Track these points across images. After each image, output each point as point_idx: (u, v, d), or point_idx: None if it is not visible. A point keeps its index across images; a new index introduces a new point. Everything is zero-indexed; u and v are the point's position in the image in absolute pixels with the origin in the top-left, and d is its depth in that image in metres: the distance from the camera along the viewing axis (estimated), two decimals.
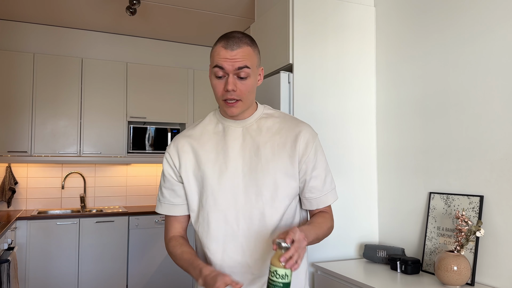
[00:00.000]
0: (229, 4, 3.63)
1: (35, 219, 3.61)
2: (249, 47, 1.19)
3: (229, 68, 1.16)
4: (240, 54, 1.16)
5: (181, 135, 1.31)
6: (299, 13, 2.27)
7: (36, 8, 3.76)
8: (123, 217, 3.93)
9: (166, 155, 1.31)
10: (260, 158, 1.22)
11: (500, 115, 1.75)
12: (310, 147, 1.25)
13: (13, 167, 4.05)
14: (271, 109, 1.33)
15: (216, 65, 1.17)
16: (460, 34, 1.94)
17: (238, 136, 1.25)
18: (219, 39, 1.21)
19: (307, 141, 1.25)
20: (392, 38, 2.36)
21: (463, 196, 1.88)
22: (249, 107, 1.25)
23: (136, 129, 4.23)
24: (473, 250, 1.77)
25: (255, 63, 1.21)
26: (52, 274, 3.64)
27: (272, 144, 1.24)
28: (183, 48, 4.77)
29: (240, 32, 1.22)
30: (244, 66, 1.16)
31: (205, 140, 1.27)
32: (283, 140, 1.25)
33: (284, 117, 1.30)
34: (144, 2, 3.56)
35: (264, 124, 1.27)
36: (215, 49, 1.19)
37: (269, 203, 1.21)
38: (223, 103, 1.21)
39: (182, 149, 1.28)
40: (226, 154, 1.23)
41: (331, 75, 2.34)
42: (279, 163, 1.22)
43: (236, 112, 1.20)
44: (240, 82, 1.18)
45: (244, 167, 1.22)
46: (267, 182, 1.21)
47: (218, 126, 1.28)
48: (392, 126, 2.34)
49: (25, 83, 3.86)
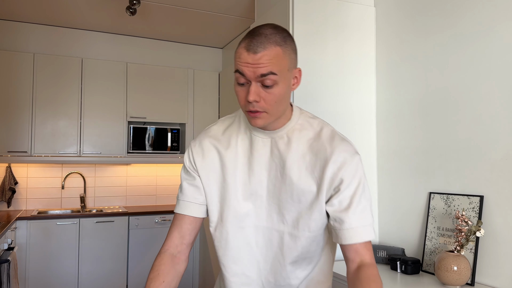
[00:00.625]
0: (229, 4, 3.63)
1: (35, 219, 3.61)
2: (278, 47, 0.97)
3: (250, 75, 0.96)
4: (265, 57, 0.95)
5: (208, 135, 1.16)
6: (299, 13, 2.27)
7: (36, 8, 3.76)
8: (123, 217, 3.93)
9: (189, 152, 1.17)
10: (285, 180, 1.07)
11: (500, 115, 1.75)
12: (343, 172, 1.04)
13: (13, 167, 4.05)
14: (309, 117, 1.13)
15: (237, 70, 0.99)
16: (460, 34, 1.94)
17: (265, 148, 1.10)
18: (245, 36, 1.01)
19: (340, 165, 1.04)
20: (392, 38, 2.36)
21: (463, 196, 1.88)
22: (279, 118, 1.06)
23: (136, 129, 4.23)
24: (473, 250, 1.77)
25: (286, 66, 0.99)
26: (52, 274, 3.64)
27: (299, 166, 1.07)
28: (183, 48, 4.77)
29: (272, 26, 0.99)
30: (268, 72, 0.96)
31: (232, 147, 1.12)
32: (312, 163, 1.06)
33: (320, 131, 1.09)
34: (144, 2, 3.56)
35: (295, 138, 1.08)
36: (237, 50, 1.00)
37: (290, 230, 1.09)
38: (246, 113, 1.03)
39: (208, 152, 1.14)
40: (251, 167, 1.10)
41: (331, 75, 2.34)
42: (304, 190, 1.06)
43: (260, 124, 1.02)
44: (265, 91, 0.98)
45: (269, 184, 1.09)
46: (289, 208, 1.08)
47: (246, 133, 1.13)
48: (392, 126, 2.34)
49: (25, 83, 3.86)
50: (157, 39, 4.63)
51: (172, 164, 4.72)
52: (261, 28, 0.99)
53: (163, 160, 4.40)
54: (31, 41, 4.13)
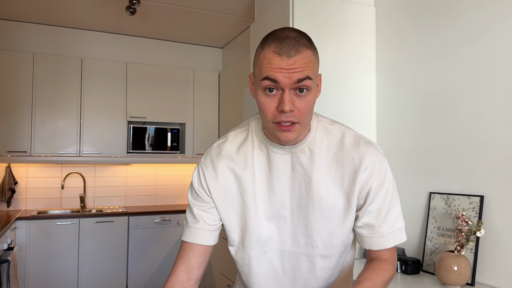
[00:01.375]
0: (229, 4, 3.63)
1: (34, 219, 3.61)
2: (309, 50, 0.90)
3: (285, 82, 0.87)
4: (299, 61, 0.87)
5: (221, 154, 1.05)
6: (299, 13, 2.27)
7: (35, 8, 3.76)
8: (123, 217, 3.93)
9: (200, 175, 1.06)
10: (312, 197, 0.99)
11: (500, 115, 1.75)
12: (373, 179, 0.99)
13: (12, 167, 4.05)
14: (327, 123, 1.05)
15: (267, 76, 0.88)
16: (460, 34, 1.94)
17: (286, 166, 1.01)
18: (267, 40, 0.91)
19: (370, 173, 0.99)
20: (392, 38, 2.36)
21: (464, 196, 1.87)
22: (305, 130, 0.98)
23: (136, 129, 4.23)
24: (473, 250, 1.77)
25: (316, 71, 0.93)
26: (52, 274, 3.64)
27: (327, 180, 0.99)
28: (183, 48, 4.77)
29: (294, 29, 0.92)
30: (305, 77, 0.88)
31: (249, 167, 1.03)
32: (340, 173, 0.99)
33: (342, 138, 1.02)
34: (144, 2, 3.56)
35: (318, 150, 1.00)
36: (263, 55, 0.90)
37: (321, 251, 1.02)
38: (273, 126, 0.92)
39: (223, 175, 1.04)
40: (271, 186, 1.01)
41: (331, 75, 2.34)
42: (335, 205, 1.00)
43: (292, 137, 0.93)
44: (298, 100, 0.89)
45: (293, 204, 1.01)
46: (319, 227, 1.00)
47: (262, 149, 1.03)
48: (392, 126, 2.34)
49: (25, 83, 3.85)
50: (157, 39, 4.63)
51: (172, 164, 4.72)
52: (283, 31, 0.91)
53: (163, 160, 4.39)
54: (31, 41, 4.12)
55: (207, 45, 4.85)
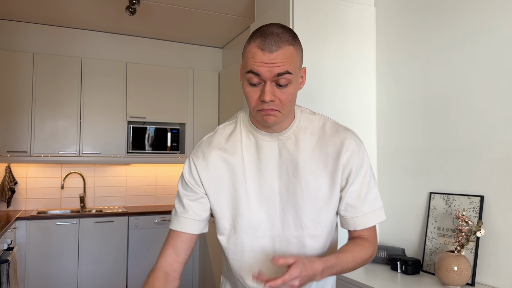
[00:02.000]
0: (229, 4, 3.63)
1: (34, 219, 3.61)
2: (291, 46, 0.97)
3: (266, 74, 0.95)
4: (280, 56, 0.95)
5: (211, 146, 1.11)
6: (299, 13, 2.27)
7: (36, 8, 3.76)
8: (122, 217, 3.92)
9: (191, 166, 1.11)
10: (300, 180, 1.06)
11: (500, 115, 1.74)
12: (353, 160, 1.07)
13: (12, 167, 4.05)
14: (309, 114, 1.13)
15: (251, 70, 0.97)
16: (460, 34, 1.94)
17: (273, 153, 1.07)
18: (253, 35, 0.99)
19: (350, 154, 1.07)
20: (392, 37, 2.36)
21: (464, 196, 1.87)
22: (287, 117, 1.07)
23: (136, 129, 4.23)
24: (473, 250, 1.77)
25: (298, 65, 1.00)
26: (52, 274, 3.63)
27: (312, 162, 1.06)
28: (183, 48, 4.77)
29: (279, 26, 0.99)
30: (284, 71, 0.95)
31: (238, 155, 1.09)
32: (324, 156, 1.07)
33: (324, 126, 1.11)
34: (144, 2, 3.56)
35: (302, 137, 1.08)
36: (249, 49, 0.98)
37: (310, 231, 1.07)
38: (257, 113, 1.01)
39: (214, 164, 1.09)
40: (260, 173, 1.07)
41: (331, 74, 2.34)
42: (320, 185, 1.06)
43: (273, 121, 1.01)
44: (279, 91, 0.97)
45: (281, 188, 1.07)
46: (307, 208, 1.06)
47: (250, 138, 1.10)
48: (392, 126, 2.34)
49: (25, 83, 3.85)
50: (157, 39, 4.63)
51: (172, 164, 4.71)
52: (269, 27, 0.98)
53: (163, 160, 4.39)
54: (31, 41, 4.12)
55: (207, 45, 4.85)
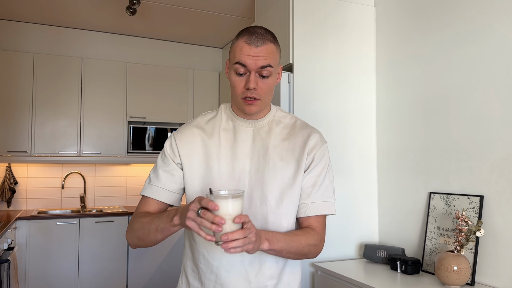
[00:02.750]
0: (229, 4, 3.63)
1: (35, 219, 3.61)
2: (272, 44, 1.13)
3: (252, 65, 1.10)
4: (264, 51, 1.10)
5: (191, 124, 1.25)
6: (299, 13, 2.27)
7: (36, 8, 3.76)
8: (123, 217, 3.93)
9: (171, 140, 1.24)
10: (268, 162, 1.17)
11: (500, 115, 1.75)
12: (315, 150, 1.20)
13: (13, 167, 4.05)
14: (283, 112, 1.28)
15: (238, 61, 1.11)
16: (460, 34, 1.94)
17: (248, 137, 1.20)
18: (241, 33, 1.14)
19: (314, 145, 1.20)
20: (392, 38, 2.36)
21: (463, 196, 1.88)
22: (265, 107, 1.21)
23: (136, 129, 4.23)
24: (473, 250, 1.77)
25: (277, 61, 1.16)
26: (52, 274, 3.64)
27: (281, 149, 1.19)
28: (183, 48, 4.77)
29: (262, 27, 1.16)
30: (267, 64, 1.11)
31: (215, 136, 1.21)
32: (292, 145, 1.20)
33: (295, 122, 1.26)
34: (144, 2, 3.56)
35: (275, 128, 1.22)
36: (236, 44, 1.13)
37: (273, 209, 1.16)
38: (241, 101, 1.15)
39: (192, 139, 1.21)
40: (234, 153, 1.18)
41: (331, 75, 2.34)
42: (286, 168, 1.18)
43: (254, 110, 1.15)
44: (261, 81, 1.12)
45: (252, 169, 1.17)
46: (272, 187, 1.16)
47: (229, 123, 1.23)
48: (392, 126, 2.34)
49: (25, 83, 3.85)
50: (157, 39, 4.63)
51: None
52: (255, 28, 1.14)
53: None
54: (31, 41, 4.13)
55: (207, 45, 4.85)
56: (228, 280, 1.15)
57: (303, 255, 1.16)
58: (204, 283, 1.18)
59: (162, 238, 1.11)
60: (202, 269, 1.18)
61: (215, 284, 1.16)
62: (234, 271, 1.15)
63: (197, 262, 1.20)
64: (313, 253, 1.18)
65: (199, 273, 1.19)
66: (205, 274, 1.18)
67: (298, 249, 1.12)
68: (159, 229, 1.09)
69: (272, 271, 1.18)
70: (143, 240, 1.15)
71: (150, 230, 1.11)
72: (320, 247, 1.20)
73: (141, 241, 1.15)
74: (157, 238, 1.11)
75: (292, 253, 1.12)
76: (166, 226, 1.06)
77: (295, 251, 1.12)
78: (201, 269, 1.19)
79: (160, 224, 1.08)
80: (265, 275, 1.16)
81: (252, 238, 0.95)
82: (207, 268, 1.17)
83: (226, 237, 0.91)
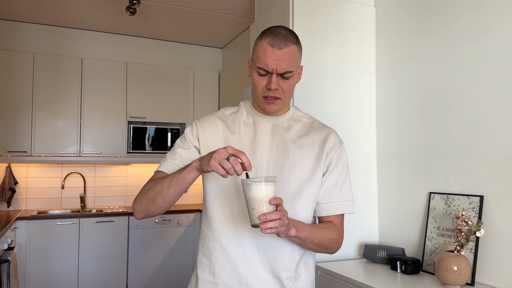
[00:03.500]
0: (229, 4, 3.63)
1: (35, 219, 3.61)
2: (295, 46, 1.16)
3: (274, 67, 1.13)
4: (286, 54, 1.13)
5: (214, 115, 1.28)
6: (299, 13, 2.27)
7: (36, 8, 3.76)
8: (123, 217, 3.93)
9: (193, 126, 1.26)
10: (287, 156, 1.20)
11: (500, 115, 1.75)
12: (335, 151, 1.23)
13: (13, 167, 4.05)
14: (301, 112, 1.32)
15: (260, 63, 1.15)
16: (460, 34, 1.94)
17: (267, 132, 1.23)
18: (264, 34, 1.17)
19: (333, 145, 1.24)
20: (392, 38, 2.36)
21: (463, 196, 1.88)
22: (285, 106, 1.25)
23: (136, 129, 4.23)
24: (473, 250, 1.77)
25: (298, 62, 1.19)
26: (52, 274, 3.64)
27: (300, 144, 1.22)
28: (183, 48, 4.77)
29: (285, 28, 1.18)
30: (289, 65, 1.14)
31: (236, 128, 1.24)
32: (312, 141, 1.23)
33: (313, 122, 1.29)
34: (144, 2, 3.56)
35: (294, 125, 1.26)
36: (260, 45, 1.16)
37: (291, 201, 1.18)
38: (262, 100, 1.19)
39: (213, 128, 1.24)
40: (253, 147, 1.21)
41: (331, 75, 2.34)
42: (305, 163, 1.20)
43: (274, 109, 1.20)
44: (283, 82, 1.15)
45: (270, 163, 1.19)
46: (291, 181, 1.18)
47: (249, 118, 1.26)
48: (392, 126, 2.34)
49: (25, 83, 3.85)
50: (157, 39, 4.63)
51: None
52: (277, 28, 1.16)
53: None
54: (31, 41, 4.13)
55: (207, 45, 4.85)
56: (245, 269, 1.16)
57: (324, 248, 1.19)
58: (217, 273, 1.19)
59: (174, 192, 1.10)
60: (217, 258, 1.19)
61: (231, 273, 1.17)
62: (251, 260, 1.17)
63: (210, 252, 1.20)
64: (333, 248, 1.22)
65: (212, 263, 1.20)
66: (220, 263, 1.18)
67: (320, 241, 1.16)
68: (173, 180, 1.09)
69: (287, 264, 1.18)
70: (153, 200, 1.13)
71: (163, 186, 1.11)
72: (340, 243, 1.23)
73: (151, 201, 1.14)
74: (169, 192, 1.10)
75: (315, 244, 1.16)
76: (182, 174, 1.07)
77: (318, 242, 1.16)
78: (215, 259, 1.19)
79: (175, 175, 1.09)
80: (280, 267, 1.18)
81: (285, 221, 0.99)
82: (224, 257, 1.18)
83: (264, 217, 0.95)
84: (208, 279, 1.20)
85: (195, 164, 1.05)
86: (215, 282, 1.19)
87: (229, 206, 1.19)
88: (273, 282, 1.17)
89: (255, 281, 1.16)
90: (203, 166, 1.02)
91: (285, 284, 1.18)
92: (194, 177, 1.07)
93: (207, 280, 1.20)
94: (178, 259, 4.12)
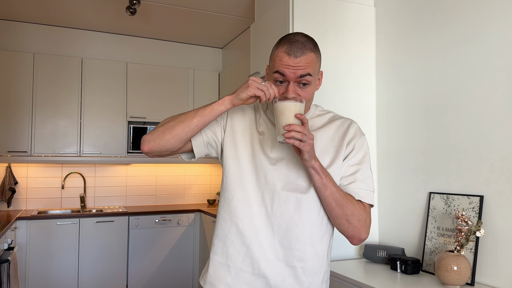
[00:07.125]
0: (229, 4, 3.63)
1: (35, 219, 3.61)
2: (313, 53, 1.15)
3: (291, 76, 1.13)
4: (303, 61, 1.12)
5: (248, 106, 1.31)
6: (299, 13, 2.27)
7: (36, 8, 3.76)
8: (123, 217, 3.93)
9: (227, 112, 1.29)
10: None
11: (500, 115, 1.75)
12: (356, 140, 1.22)
13: (13, 167, 4.05)
14: (322, 109, 1.32)
15: (277, 71, 1.14)
16: (460, 34, 1.94)
17: None
18: (281, 41, 1.17)
19: (354, 135, 1.23)
20: (392, 38, 2.36)
21: (463, 196, 1.88)
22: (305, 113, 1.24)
23: (136, 129, 4.23)
24: (473, 250, 1.77)
25: (317, 69, 1.18)
26: (52, 274, 3.64)
27: (320, 136, 1.23)
28: (183, 48, 4.77)
29: (303, 35, 1.17)
30: (306, 74, 1.13)
31: (261, 119, 1.27)
32: (332, 134, 1.23)
33: (333, 117, 1.29)
34: (144, 2, 3.56)
35: (314, 122, 1.26)
36: (276, 53, 1.16)
37: (307, 194, 1.17)
38: None
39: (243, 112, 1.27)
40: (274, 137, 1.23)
41: (331, 75, 2.34)
42: (324, 155, 1.20)
43: None
44: (300, 90, 1.15)
45: (289, 154, 1.20)
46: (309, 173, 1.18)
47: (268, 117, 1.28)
48: (392, 126, 2.34)
49: (25, 83, 3.86)
50: (157, 39, 4.63)
51: (172, 164, 4.72)
52: (295, 35, 1.16)
53: (163, 160, 4.39)
54: (31, 41, 4.13)
55: (207, 45, 4.85)
56: (258, 254, 1.17)
57: (346, 219, 1.15)
58: (230, 256, 1.20)
59: (197, 122, 1.15)
60: (232, 241, 1.20)
61: (244, 256, 1.18)
62: (265, 246, 1.17)
63: (225, 234, 1.21)
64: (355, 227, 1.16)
65: (226, 246, 1.21)
66: (235, 246, 1.19)
67: (342, 203, 1.14)
68: (200, 111, 1.14)
69: (301, 253, 1.18)
70: (171, 128, 1.15)
71: (187, 115, 1.15)
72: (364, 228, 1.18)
73: (168, 129, 1.15)
74: (192, 122, 1.14)
75: (335, 201, 1.13)
76: (212, 105, 1.14)
77: (340, 202, 1.13)
78: (229, 241, 1.20)
79: (202, 107, 1.15)
80: (294, 256, 1.17)
81: (309, 136, 1.04)
82: (239, 240, 1.19)
83: (289, 126, 1.02)
84: (220, 261, 1.21)
85: (228, 97, 1.12)
86: (228, 264, 1.20)
87: (248, 190, 1.20)
88: (286, 272, 1.17)
89: (267, 268, 1.17)
90: (239, 95, 1.09)
91: (299, 274, 1.18)
92: (223, 110, 1.13)
93: (219, 262, 1.21)
94: (178, 259, 4.12)
